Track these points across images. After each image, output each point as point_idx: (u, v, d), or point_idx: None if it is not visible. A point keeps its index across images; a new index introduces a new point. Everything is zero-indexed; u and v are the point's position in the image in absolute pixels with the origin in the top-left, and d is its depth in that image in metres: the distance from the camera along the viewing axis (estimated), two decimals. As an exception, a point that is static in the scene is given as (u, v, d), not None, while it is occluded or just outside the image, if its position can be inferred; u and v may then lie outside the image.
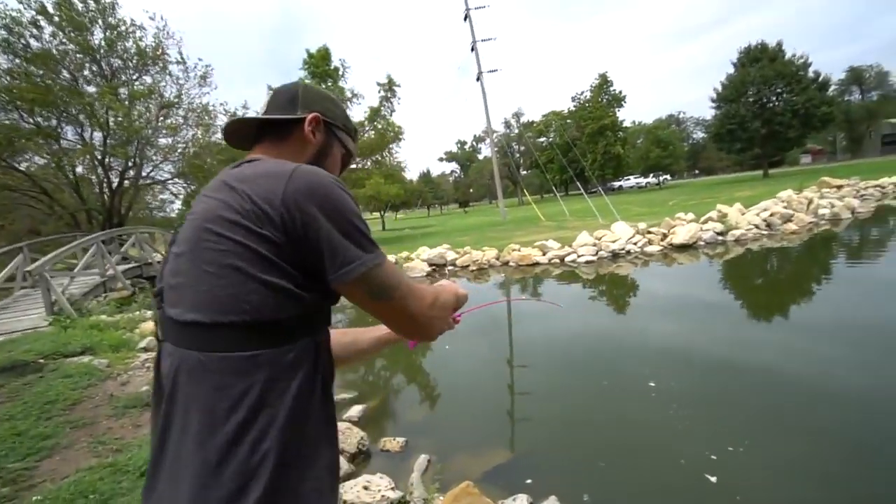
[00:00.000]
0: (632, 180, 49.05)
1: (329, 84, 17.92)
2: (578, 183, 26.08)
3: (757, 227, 10.18)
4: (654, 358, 4.10)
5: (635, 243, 9.96)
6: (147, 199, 19.57)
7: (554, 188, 28.16)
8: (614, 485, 2.42)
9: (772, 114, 30.73)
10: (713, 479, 2.32)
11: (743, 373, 3.58)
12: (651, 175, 51.22)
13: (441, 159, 73.13)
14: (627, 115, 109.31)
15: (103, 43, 13.41)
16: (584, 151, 41.09)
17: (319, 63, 18.02)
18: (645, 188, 44.89)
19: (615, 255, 9.72)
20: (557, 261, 9.89)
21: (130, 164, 14.67)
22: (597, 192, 23.75)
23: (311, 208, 0.61)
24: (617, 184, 47.51)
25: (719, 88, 33.91)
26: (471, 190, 59.15)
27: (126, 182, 15.13)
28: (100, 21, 13.31)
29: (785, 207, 11.16)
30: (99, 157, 13.79)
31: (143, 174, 15.63)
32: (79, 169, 14.49)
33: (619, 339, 4.82)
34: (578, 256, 9.71)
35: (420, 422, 3.52)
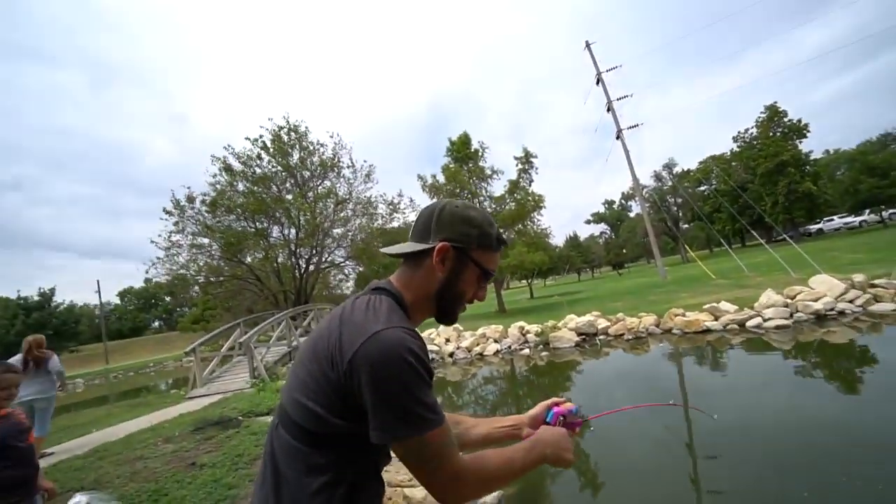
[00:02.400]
0: (836, 221, 39.59)
1: (470, 165, 19.42)
2: (755, 232, 22.12)
3: None
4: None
5: (851, 301, 7.72)
6: (329, 280, 23.20)
7: (723, 240, 24.38)
8: None
9: None
10: None
11: None
12: (867, 212, 40.64)
13: (588, 221, 70.86)
14: (816, 146, 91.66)
15: (298, 161, 17.26)
16: (759, 195, 35.21)
17: (461, 148, 19.79)
18: (859, 228, 35.55)
19: (820, 318, 7.63)
20: (735, 327, 8.21)
21: (314, 251, 17.79)
22: (783, 239, 19.71)
23: (368, 375, 0.73)
24: (814, 227, 38.89)
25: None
26: (623, 251, 55.08)
27: (311, 267, 18.30)
28: (297, 145, 17.27)
29: None
30: (293, 247, 17.13)
31: (323, 259, 18.73)
32: (280, 259, 18.16)
33: (839, 429, 3.57)
34: (765, 321, 7.91)
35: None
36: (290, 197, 17.25)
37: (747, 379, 5.53)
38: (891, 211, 39.26)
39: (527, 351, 10.32)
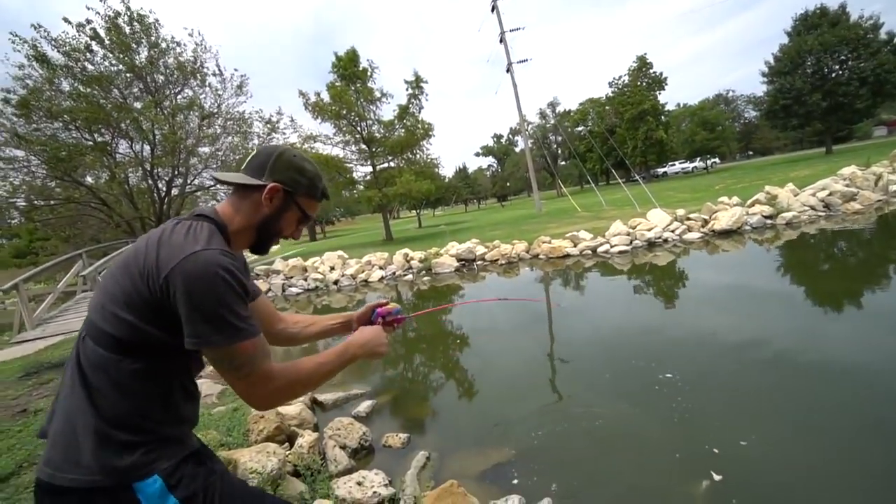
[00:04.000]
0: (677, 166, 46.65)
1: (358, 85, 18.16)
2: (617, 172, 25.04)
3: (813, 208, 9.31)
4: (672, 351, 3.81)
5: (673, 231, 9.40)
6: (199, 206, 20.69)
7: (591, 178, 27.19)
8: (611, 485, 2.23)
9: (834, 84, 28.10)
10: (718, 477, 2.08)
11: (767, 366, 3.23)
12: (698, 159, 48.46)
13: (478, 154, 72.64)
14: (670, 98, 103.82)
15: (146, 61, 14.27)
16: (623, 139, 39.41)
17: (348, 65, 18.26)
18: (691, 173, 42.49)
19: (651, 244, 9.21)
20: (589, 252, 9.51)
21: (176, 173, 15.53)
22: (636, 180, 22.71)
23: (183, 289, 0.79)
24: (661, 170, 45.31)
25: (771, 62, 31.45)
26: (508, 184, 58.36)
27: (174, 190, 16.05)
28: (144, 41, 14.16)
29: (847, 185, 10.13)
30: (148, 167, 14.71)
31: (189, 182, 16.52)
32: (133, 180, 15.52)
33: (635, 332, 4.51)
34: (611, 247, 9.28)
35: (426, 418, 3.44)
36: (139, 105, 14.40)
37: (592, 294, 6.58)
38: (712, 160, 47.62)
39: (410, 277, 10.73)
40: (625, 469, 2.36)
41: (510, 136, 67.36)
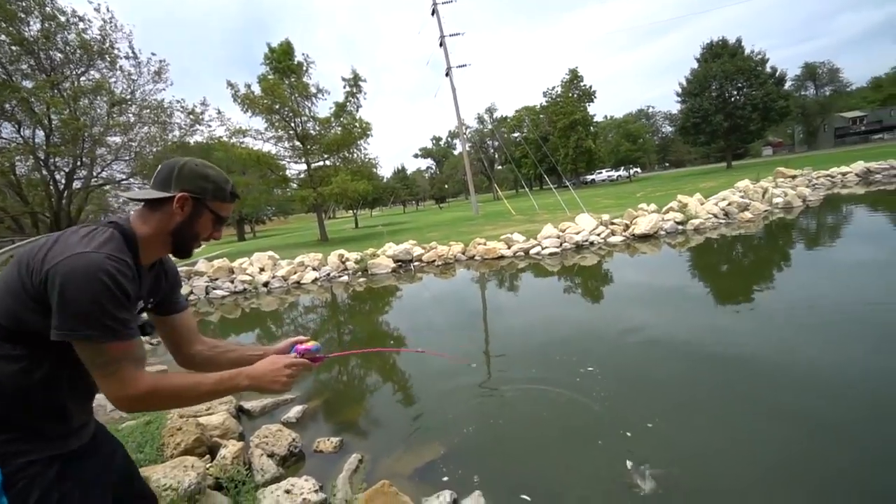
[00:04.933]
0: (604, 174, 49.99)
1: (292, 79, 17.45)
2: (549, 178, 26.28)
3: (715, 216, 10.42)
4: (594, 346, 4.10)
5: (599, 234, 10.05)
6: (110, 201, 18.66)
7: (525, 184, 28.29)
8: (536, 472, 2.35)
9: (733, 107, 31.76)
10: (630, 463, 2.28)
11: (678, 354, 3.59)
12: (622, 168, 52.29)
13: (416, 155, 72.74)
14: (599, 111, 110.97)
15: (39, 35, 12.63)
16: (556, 146, 41.49)
17: (282, 58, 17.49)
18: (616, 181, 45.75)
19: (579, 247, 9.78)
20: (522, 253, 9.89)
21: (79, 164, 13.91)
22: (567, 186, 24.01)
23: (59, 284, 0.84)
24: (589, 177, 48.27)
25: (684, 83, 34.80)
26: (446, 186, 59.03)
27: (77, 183, 14.35)
28: (36, 11, 12.52)
29: (742, 197, 11.47)
30: (42, 156, 13.03)
31: (95, 175, 14.87)
32: (21, 170, 13.66)
33: (562, 329, 4.78)
34: (543, 249, 9.72)
35: (360, 421, 3.39)
36: (28, 84, 12.69)
37: (525, 295, 6.86)
38: (634, 169, 51.65)
39: (345, 278, 10.50)
40: (549, 457, 2.50)
41: (449, 138, 68.27)
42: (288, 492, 2.39)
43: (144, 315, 1.18)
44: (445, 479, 2.43)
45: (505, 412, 3.11)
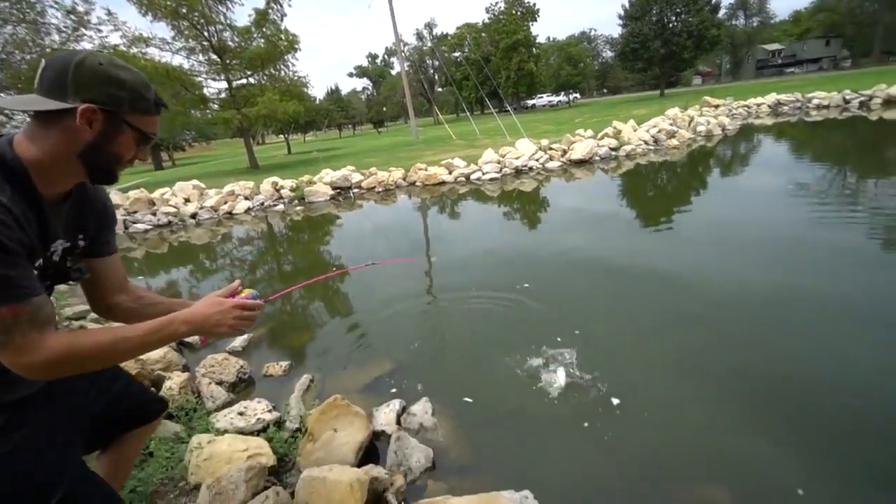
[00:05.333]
0: (544, 99, 49.68)
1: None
2: (491, 102, 25.75)
3: (646, 142, 10.94)
4: (530, 265, 4.39)
5: (537, 160, 10.26)
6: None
7: (466, 107, 27.56)
8: (481, 383, 2.61)
9: (670, 34, 32.13)
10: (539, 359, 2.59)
11: (603, 271, 3.96)
12: (562, 93, 52.18)
13: (351, 75, 67.43)
14: (542, 32, 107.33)
15: None
16: (498, 68, 40.21)
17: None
18: (556, 107, 45.83)
19: (518, 172, 9.97)
20: (463, 179, 9.93)
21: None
22: (508, 110, 23.73)
23: None
24: (530, 102, 47.89)
25: (627, 6, 34.30)
26: (384, 109, 56.09)
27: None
28: None
29: (671, 124, 12.05)
30: None
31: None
32: None
33: (501, 251, 5.03)
34: (483, 174, 9.80)
35: (307, 346, 3.46)
36: None
37: (467, 220, 7.01)
38: (574, 95, 51.73)
39: (281, 207, 10.04)
40: (487, 364, 2.75)
41: (386, 56, 63.62)
42: (241, 414, 2.46)
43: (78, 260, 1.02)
44: (393, 390, 2.62)
45: (446, 327, 3.34)
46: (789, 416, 2.04)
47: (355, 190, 10.38)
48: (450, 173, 10.12)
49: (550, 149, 10.77)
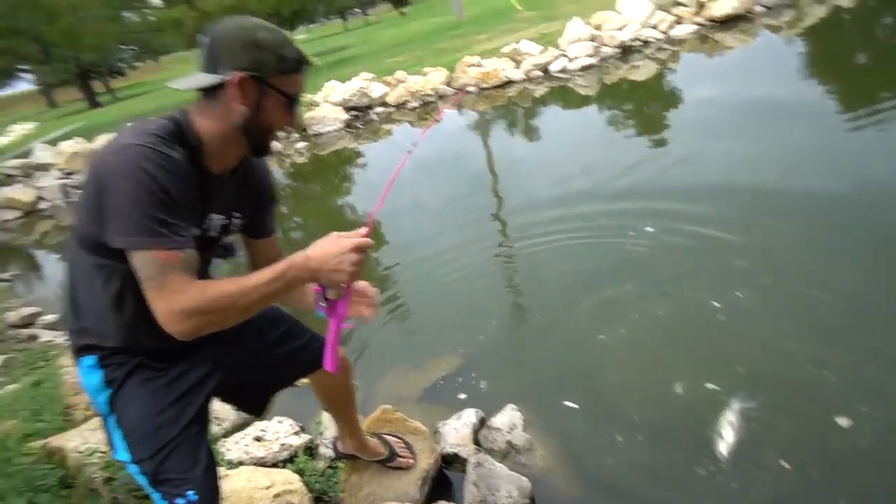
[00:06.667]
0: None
1: None
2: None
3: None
4: (658, 203, 4.24)
5: (655, 26, 9.80)
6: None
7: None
8: (589, 378, 2.68)
9: None
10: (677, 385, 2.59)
11: (811, 210, 3.80)
12: None
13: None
14: None
15: None
16: None
17: None
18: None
19: (626, 50, 9.60)
20: (539, 74, 9.72)
21: None
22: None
23: (101, 182, 1.06)
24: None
25: None
26: (407, -24, 54.88)
27: None
28: None
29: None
30: None
31: None
32: None
33: (612, 184, 4.90)
34: (570, 61, 9.53)
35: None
36: None
37: (551, 140, 6.96)
38: None
39: (277, 146, 10.36)
40: (595, 348, 2.82)
41: None
42: (259, 439, 2.70)
43: (230, 237, 1.40)
44: (462, 395, 2.76)
45: (527, 311, 3.40)
46: None
47: (378, 110, 10.50)
48: (517, 66, 9.93)
49: (678, 3, 10.16)
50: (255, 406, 1.79)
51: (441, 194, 5.85)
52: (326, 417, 2.78)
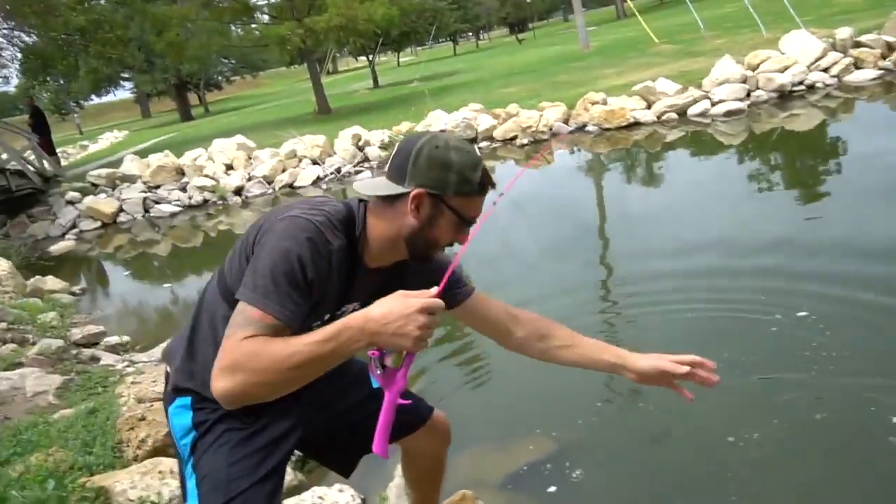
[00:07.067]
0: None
1: None
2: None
3: None
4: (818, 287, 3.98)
5: (826, 69, 9.40)
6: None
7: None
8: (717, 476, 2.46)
9: None
10: None
11: None
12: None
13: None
14: None
15: None
16: None
17: None
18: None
19: (783, 96, 9.24)
20: (673, 116, 9.53)
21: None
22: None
23: (263, 242, 1.22)
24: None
25: None
26: (528, 1, 56.40)
27: None
28: None
29: None
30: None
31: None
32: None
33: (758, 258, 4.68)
34: (713, 104, 9.29)
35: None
36: None
37: (684, 196, 6.74)
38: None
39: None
40: (730, 477, 2.58)
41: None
42: (317, 507, 2.68)
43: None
44: (552, 489, 2.60)
45: (631, 395, 3.20)
46: None
47: (484, 143, 10.65)
48: (648, 107, 9.81)
49: (858, 44, 9.72)
50: (342, 465, 1.87)
51: (541, 243, 5.81)
52: (393, 493, 2.71)
